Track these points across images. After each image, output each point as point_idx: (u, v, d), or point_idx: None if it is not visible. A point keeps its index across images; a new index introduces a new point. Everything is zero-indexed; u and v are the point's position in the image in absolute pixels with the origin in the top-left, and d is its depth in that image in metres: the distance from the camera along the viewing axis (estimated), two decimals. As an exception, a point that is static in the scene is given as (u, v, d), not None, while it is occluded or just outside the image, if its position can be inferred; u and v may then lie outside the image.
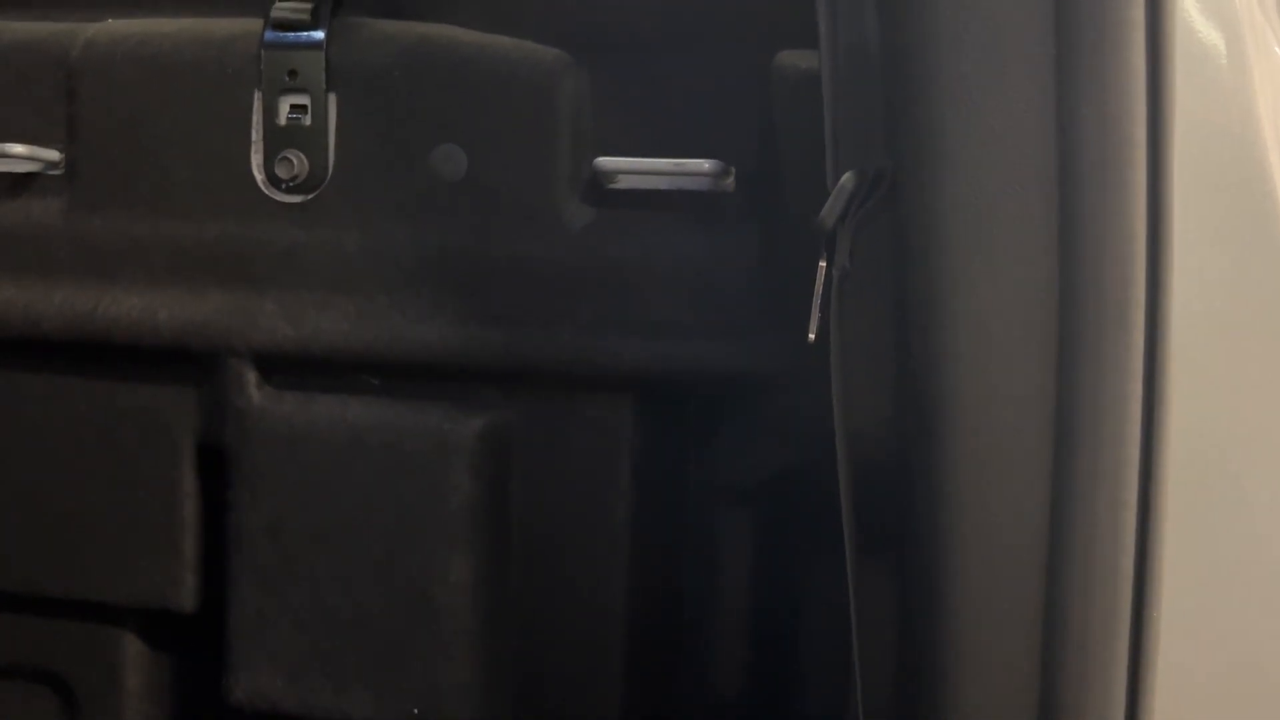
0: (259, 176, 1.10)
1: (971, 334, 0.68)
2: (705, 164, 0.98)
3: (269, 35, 1.09)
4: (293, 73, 1.09)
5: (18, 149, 1.12)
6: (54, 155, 1.14)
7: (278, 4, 1.08)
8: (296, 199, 1.09)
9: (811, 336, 0.76)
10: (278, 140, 1.09)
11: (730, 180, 1.02)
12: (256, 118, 1.10)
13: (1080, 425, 0.67)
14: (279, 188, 1.10)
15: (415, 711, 1.06)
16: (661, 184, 1.03)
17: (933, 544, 0.71)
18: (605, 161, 1.02)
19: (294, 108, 1.09)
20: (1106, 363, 0.66)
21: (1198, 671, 0.69)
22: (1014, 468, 0.68)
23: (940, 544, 0.71)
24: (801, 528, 1.05)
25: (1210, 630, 0.70)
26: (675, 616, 1.09)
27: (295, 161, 1.08)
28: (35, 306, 1.13)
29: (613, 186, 1.04)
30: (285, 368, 1.10)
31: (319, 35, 1.08)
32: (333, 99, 1.09)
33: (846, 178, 0.70)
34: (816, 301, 0.76)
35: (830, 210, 0.71)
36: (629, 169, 1.02)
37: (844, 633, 1.01)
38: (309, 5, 1.07)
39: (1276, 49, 0.75)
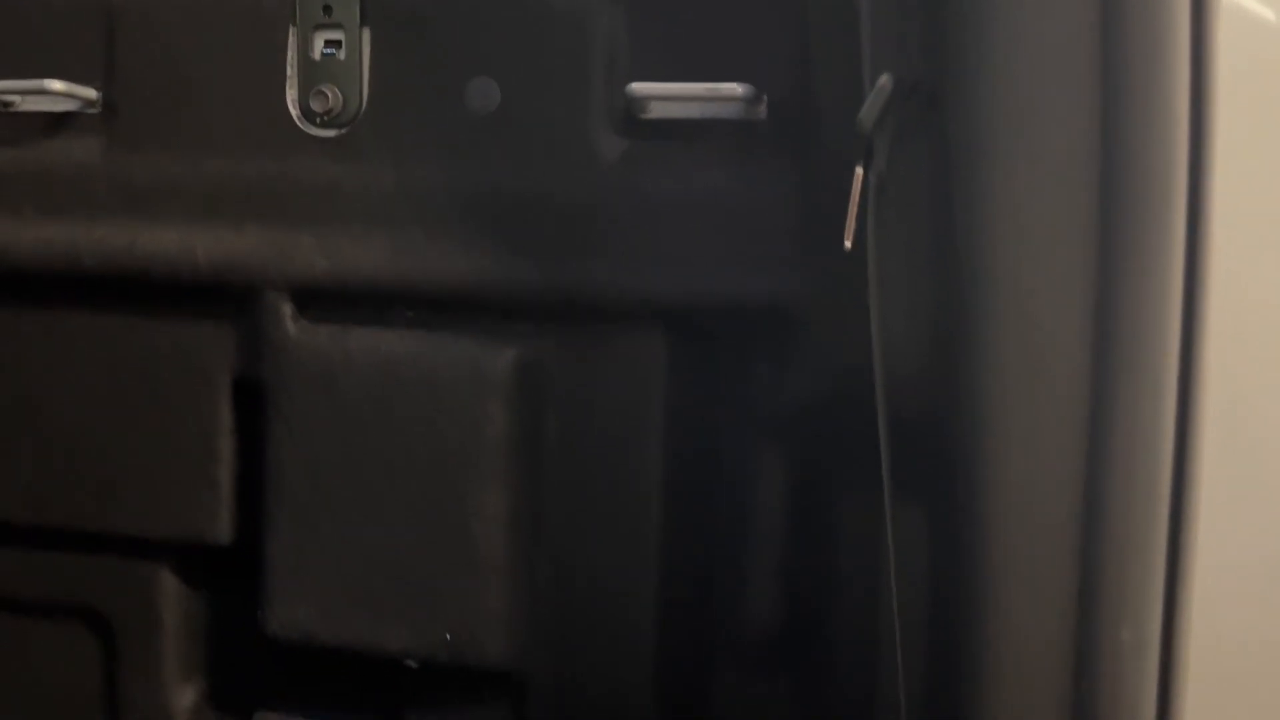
0: (294, 111, 1.11)
1: (1013, 236, 0.68)
2: (738, 88, 0.98)
3: (304, -29, 1.10)
4: (327, 8, 1.10)
5: (57, 85, 1.13)
6: (92, 94, 1.16)
7: (313, -59, 1.09)
8: (331, 133, 1.10)
9: (848, 244, 0.76)
10: (312, 75, 1.10)
11: (762, 108, 1.02)
12: (291, 54, 1.11)
13: (1120, 323, 0.67)
14: (314, 122, 1.11)
15: (449, 637, 1.07)
16: (694, 112, 1.03)
17: (973, 455, 0.71)
18: (638, 87, 1.02)
19: (328, 43, 1.10)
20: (1147, 262, 0.67)
21: (1233, 571, 0.69)
22: (1054, 366, 0.68)
23: (981, 455, 0.71)
24: (835, 460, 1.05)
25: (1245, 530, 0.70)
26: (707, 548, 1.10)
27: (330, 96, 1.09)
28: (75, 243, 1.15)
29: (645, 117, 1.04)
30: (321, 302, 1.11)
31: None
32: (366, 34, 1.09)
33: (884, 79, 0.71)
34: (853, 209, 0.76)
35: (868, 111, 0.71)
36: (662, 94, 1.02)
37: (877, 563, 1.02)
38: None
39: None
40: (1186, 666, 0.68)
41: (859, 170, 0.75)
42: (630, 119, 1.05)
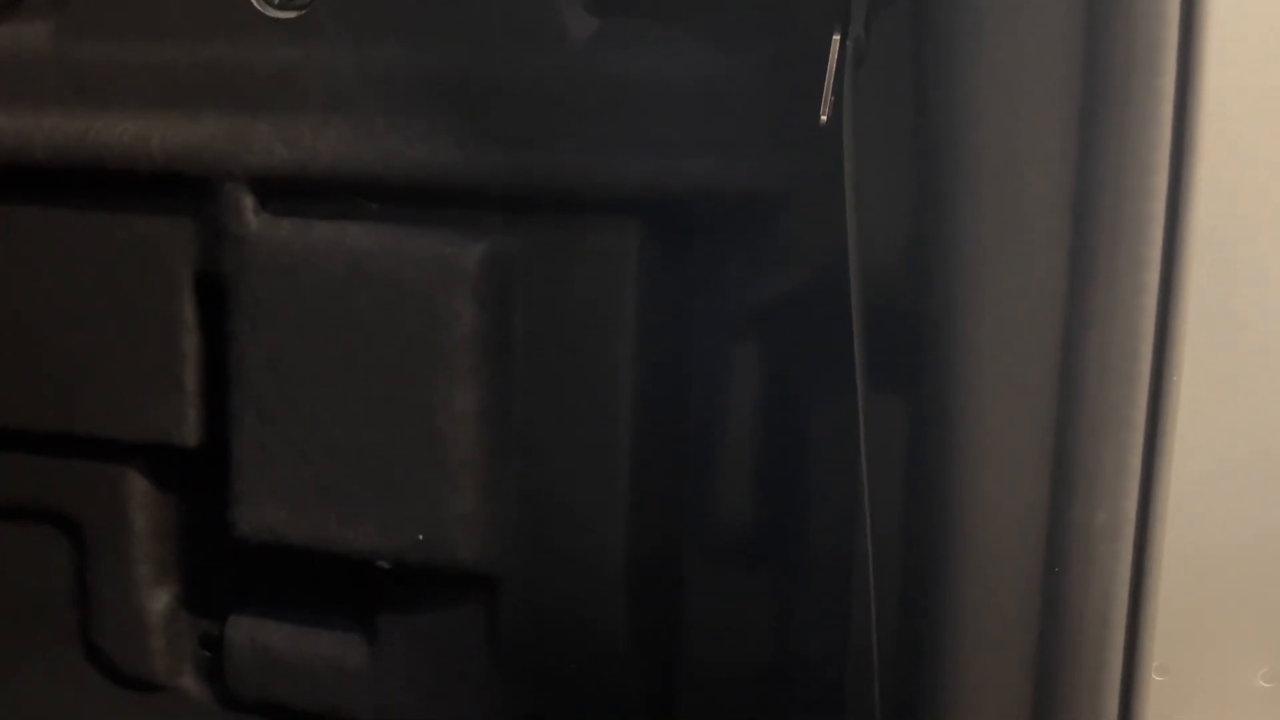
0: (251, -8, 1.07)
1: (994, 105, 0.65)
2: None
3: None
4: (283, -119, 1.04)
5: (1, -34, 1.09)
6: (39, -24, 1.11)
7: None
8: (290, 14, 1.05)
9: (823, 118, 0.73)
10: (269, -46, 1.05)
11: None
12: None
13: (1102, 200, 0.64)
14: (272, 3, 1.06)
15: (420, 537, 1.06)
16: (668, -11, 0.98)
17: (949, 339, 0.69)
18: None
19: None
20: (1131, 134, 0.63)
21: (1209, 455, 0.67)
22: (1034, 243, 0.65)
23: (957, 338, 0.68)
24: (810, 354, 1.03)
25: (1222, 413, 0.67)
26: (681, 447, 1.08)
27: (287, -25, 1.05)
28: (25, 133, 1.11)
29: (617, -7, 1.00)
30: (282, 193, 1.08)
31: None
32: None
33: (863, -63, 0.66)
34: (830, 81, 0.72)
35: (844, -29, 0.67)
36: None
37: (852, 458, 1.00)
38: None
39: None
40: (1159, 551, 0.66)
41: (835, 38, 0.71)
42: None
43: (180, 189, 1.09)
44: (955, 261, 0.66)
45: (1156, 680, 0.64)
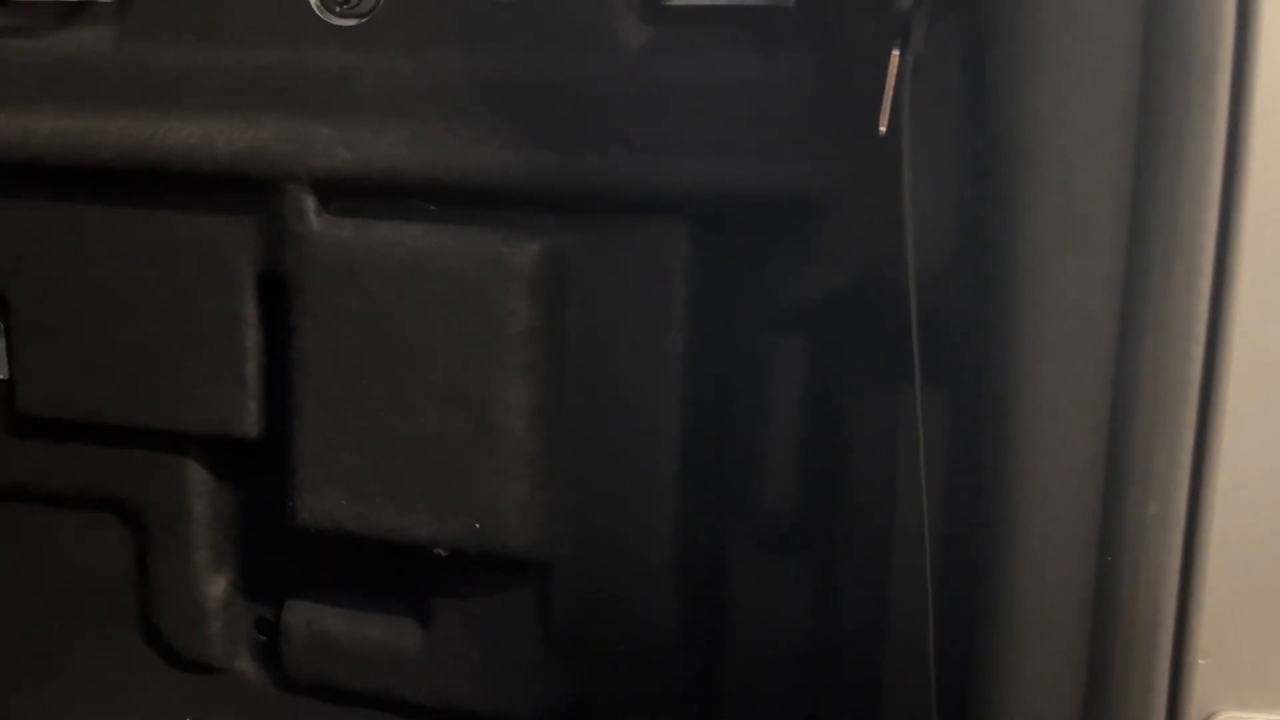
0: (313, 0, 1.10)
1: (1051, 116, 0.68)
2: None
3: None
4: (344, -109, 1.08)
5: (70, -27, 1.12)
6: (105, -18, 1.15)
7: None
8: (351, 22, 1.09)
9: (882, 129, 0.76)
10: (330, -38, 1.08)
11: None
12: None
13: (1159, 206, 0.67)
14: (333, 11, 1.09)
15: (476, 525, 1.10)
16: (718, -1, 1.01)
17: (1005, 338, 0.72)
18: None
19: None
20: (1187, 145, 0.66)
21: (1259, 447, 0.70)
22: (1090, 247, 0.68)
23: (1013, 337, 0.71)
24: (849, 347, 1.06)
25: (1273, 407, 0.70)
26: (727, 439, 1.12)
27: (349, -17, 1.08)
28: (92, 135, 1.14)
29: (669, 3, 1.03)
30: (343, 193, 1.11)
31: None
32: None
33: (923, -43, 0.69)
34: (889, 93, 0.75)
35: (906, -9, 0.70)
36: None
37: (893, 451, 1.04)
38: None
39: None
40: (1209, 541, 0.69)
41: (895, 53, 0.74)
42: (654, 5, 1.03)
43: (243, 189, 1.13)
44: (1014, 263, 0.69)
45: (1202, 664, 0.68)
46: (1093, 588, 0.72)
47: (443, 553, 1.13)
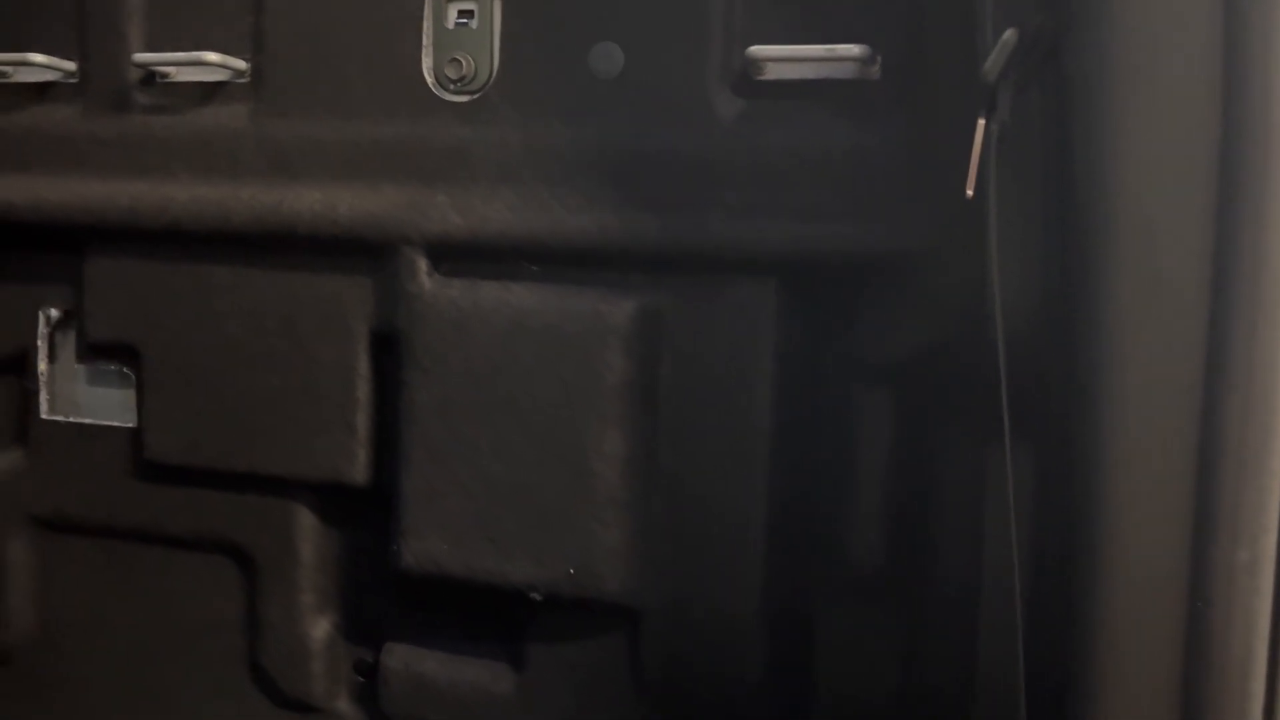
0: (429, 78, 1.19)
1: (1135, 179, 0.71)
2: (854, 49, 1.03)
3: (439, -54, 1.17)
4: (460, -21, 1.17)
5: (212, 57, 1.23)
6: (242, 64, 1.25)
7: (447, -84, 1.17)
8: (464, 98, 1.18)
9: (969, 193, 0.81)
10: (446, 44, 1.18)
11: (876, 68, 1.06)
12: (427, 24, 1.18)
13: (1241, 262, 0.70)
14: (448, 88, 1.18)
15: (571, 571, 1.14)
16: (808, 72, 1.08)
17: (1094, 391, 0.74)
18: (756, 50, 1.07)
19: (461, 13, 1.18)
20: (1269, 203, 0.70)
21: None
22: (1175, 304, 0.71)
23: (1102, 390, 0.74)
24: (938, 406, 1.10)
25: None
26: (814, 490, 1.15)
27: (463, 63, 1.17)
28: (226, 202, 1.24)
29: (761, 78, 1.10)
30: (453, 255, 1.19)
31: None
32: (497, 4, 1.16)
33: (1009, 34, 0.75)
34: (975, 159, 0.80)
35: (993, 64, 0.75)
36: (779, 56, 1.07)
37: (979, 504, 1.06)
38: None
39: None
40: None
41: (981, 121, 0.79)
42: (747, 79, 1.10)
43: (361, 252, 1.21)
44: (1099, 321, 0.72)
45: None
46: (1184, 635, 0.73)
47: (538, 597, 1.18)
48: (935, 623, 1.10)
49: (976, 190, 0.82)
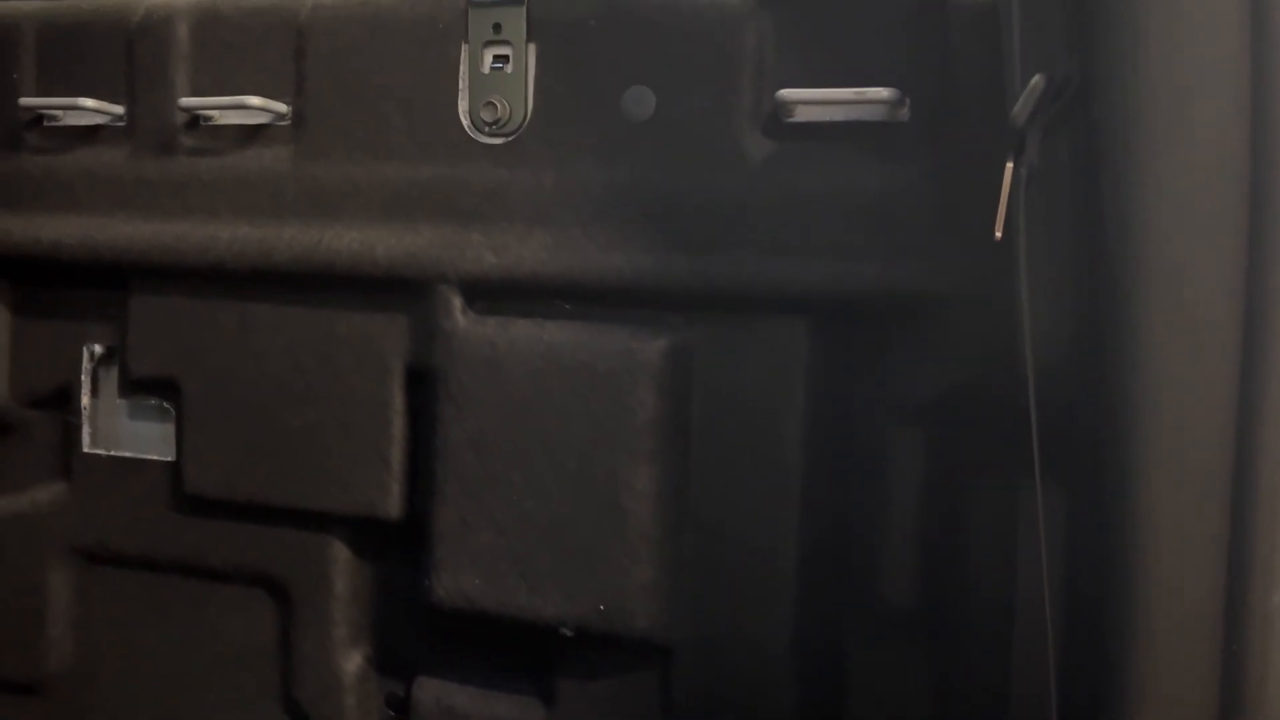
0: (465, 121, 1.22)
1: (1165, 222, 0.72)
2: (883, 92, 1.04)
3: (476, -7, 1.21)
4: (497, 26, 1.20)
5: (254, 101, 1.26)
6: (283, 108, 1.29)
7: (484, -36, 1.20)
8: (499, 141, 1.20)
9: (998, 235, 0.82)
10: (482, 88, 1.21)
11: (905, 110, 1.08)
12: (464, 68, 1.21)
13: (1273, 306, 0.70)
14: (483, 131, 1.21)
15: (601, 608, 1.15)
16: (838, 115, 1.09)
17: (1125, 435, 0.74)
18: (786, 93, 1.09)
19: (497, 58, 1.21)
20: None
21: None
22: (1206, 346, 0.71)
23: (1133, 435, 0.74)
24: (969, 444, 1.10)
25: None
26: (844, 529, 1.16)
27: (498, 106, 1.19)
28: (267, 242, 1.27)
29: (791, 120, 1.12)
30: (487, 294, 1.21)
31: None
32: (532, 49, 1.19)
33: (1037, 79, 0.76)
34: (1004, 201, 0.81)
35: (1021, 109, 0.76)
36: (808, 99, 1.08)
37: (1010, 544, 1.06)
38: None
39: None
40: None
41: (1009, 164, 0.80)
42: (777, 122, 1.12)
43: (397, 290, 1.24)
44: (1130, 361, 0.73)
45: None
46: (1219, 678, 0.73)
47: (569, 633, 1.19)
48: (968, 660, 1.10)
49: (1005, 232, 0.83)
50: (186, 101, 1.30)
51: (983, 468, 1.09)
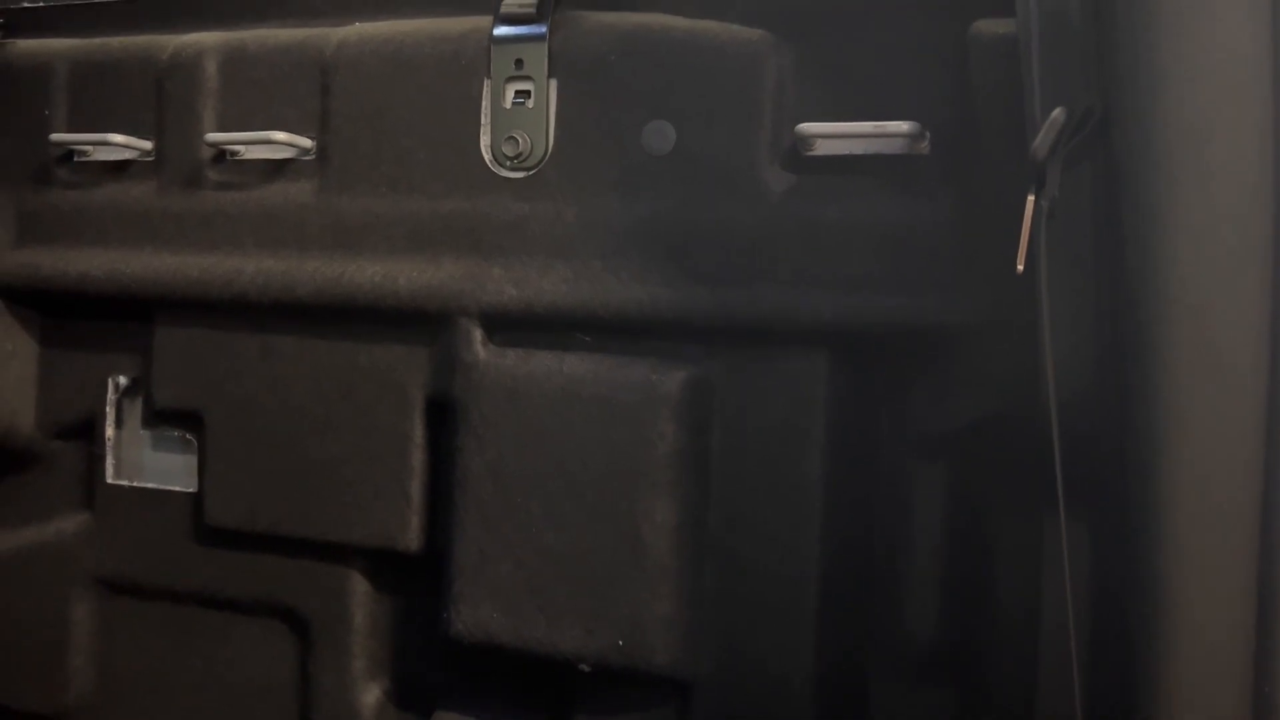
0: (487, 156, 1.23)
1: (1187, 252, 0.72)
2: (903, 125, 1.05)
3: (498, 30, 1.22)
4: (519, 61, 1.21)
5: (280, 136, 1.28)
6: (308, 143, 1.30)
7: (506, 0, 1.21)
8: (520, 175, 1.21)
9: (1020, 267, 0.82)
10: (504, 123, 1.22)
11: (925, 144, 1.08)
12: (485, 103, 1.23)
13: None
14: (505, 165, 1.22)
15: (620, 643, 1.14)
16: (858, 148, 1.10)
17: (1151, 466, 0.74)
18: (806, 127, 1.09)
19: (518, 93, 1.22)
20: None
21: None
22: (1230, 377, 0.71)
23: (1160, 465, 0.73)
24: (991, 476, 1.09)
25: None
26: (866, 562, 1.15)
27: (520, 141, 1.21)
28: (291, 274, 1.28)
29: (811, 153, 1.12)
30: (508, 326, 1.22)
31: (542, 29, 1.20)
32: (553, 84, 1.21)
33: (1058, 112, 0.76)
34: (1025, 234, 0.81)
35: (1042, 142, 0.76)
36: (829, 133, 1.09)
37: (1035, 577, 1.05)
38: (534, 0, 1.20)
39: None
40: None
41: (1030, 197, 0.80)
42: (797, 155, 1.12)
43: (418, 322, 1.24)
44: (1154, 394, 0.72)
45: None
46: (1250, 717, 0.72)
47: (586, 669, 1.18)
48: (992, 694, 1.08)
49: (1027, 265, 0.83)
50: (213, 137, 1.32)
51: (1006, 500, 1.08)
